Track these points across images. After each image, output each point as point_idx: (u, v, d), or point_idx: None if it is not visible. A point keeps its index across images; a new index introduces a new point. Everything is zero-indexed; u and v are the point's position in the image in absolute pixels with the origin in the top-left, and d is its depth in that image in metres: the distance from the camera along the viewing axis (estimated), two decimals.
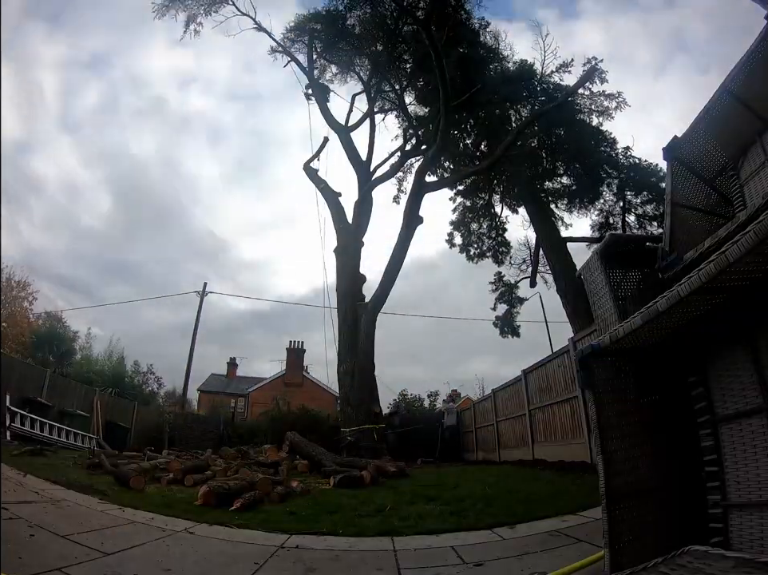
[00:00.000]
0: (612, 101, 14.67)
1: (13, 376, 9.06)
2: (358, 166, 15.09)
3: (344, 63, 16.65)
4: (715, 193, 3.07)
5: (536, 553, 2.78)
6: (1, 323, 16.92)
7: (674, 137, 3.02)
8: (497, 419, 11.90)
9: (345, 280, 13.17)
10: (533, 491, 5.00)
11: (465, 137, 17.59)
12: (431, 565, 2.70)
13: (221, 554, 2.79)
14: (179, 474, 5.58)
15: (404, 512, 4.15)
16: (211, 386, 28.68)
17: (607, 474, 1.87)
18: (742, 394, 1.87)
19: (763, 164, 2.73)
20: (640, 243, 2.96)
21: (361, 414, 11.19)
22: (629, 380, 2.07)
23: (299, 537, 3.29)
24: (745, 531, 1.78)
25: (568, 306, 13.59)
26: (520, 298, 18.13)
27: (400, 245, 12.97)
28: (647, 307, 1.63)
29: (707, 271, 1.39)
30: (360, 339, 12.02)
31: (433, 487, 5.83)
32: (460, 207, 18.29)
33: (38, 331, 18.59)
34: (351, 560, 2.81)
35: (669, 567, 1.44)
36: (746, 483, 1.81)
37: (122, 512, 3.69)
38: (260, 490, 4.66)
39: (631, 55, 39.33)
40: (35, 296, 20.36)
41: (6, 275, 18.78)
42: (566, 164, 15.97)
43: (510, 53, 16.11)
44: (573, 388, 7.44)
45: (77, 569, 2.23)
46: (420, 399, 20.67)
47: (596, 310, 2.74)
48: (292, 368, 27.19)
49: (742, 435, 1.85)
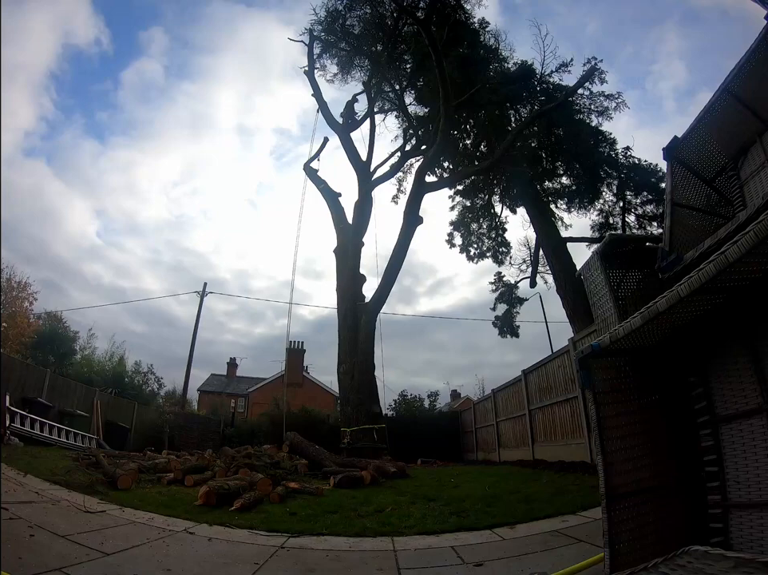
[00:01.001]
0: (612, 101, 14.67)
1: (14, 376, 9.06)
2: (358, 166, 15.10)
3: (344, 63, 16.66)
4: (715, 193, 3.07)
5: (536, 553, 2.78)
6: (2, 323, 16.91)
7: (674, 137, 3.03)
8: (497, 419, 11.90)
9: (345, 280, 13.17)
10: (533, 491, 5.00)
11: (465, 137, 17.59)
12: (431, 565, 2.70)
13: (221, 554, 2.79)
14: (179, 474, 5.58)
15: (404, 512, 4.15)
16: (211, 386, 28.72)
17: (607, 474, 1.86)
18: (742, 394, 1.87)
19: (763, 164, 2.73)
20: (640, 243, 2.96)
21: (361, 414, 11.19)
22: (629, 380, 2.07)
23: (299, 537, 3.29)
24: (745, 531, 1.78)
25: (568, 306, 13.58)
26: (520, 298, 18.14)
27: (400, 245, 12.97)
28: (647, 307, 1.63)
29: (707, 271, 1.39)
30: (360, 340, 12.01)
31: (433, 487, 5.83)
32: (459, 207, 18.31)
33: (38, 331, 18.58)
34: (351, 560, 2.81)
35: (669, 567, 1.44)
36: (746, 483, 1.81)
37: (122, 512, 3.69)
38: (260, 490, 4.66)
39: (632, 55, 39.39)
40: (35, 296, 20.37)
41: (6, 276, 18.79)
42: (566, 164, 15.96)
43: (510, 53, 16.15)
44: (573, 388, 7.45)
45: (77, 568, 2.23)
46: (420, 399, 20.62)
47: (596, 310, 2.74)
48: (292, 368, 27.19)
49: (742, 435, 1.86)
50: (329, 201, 14.73)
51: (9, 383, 8.47)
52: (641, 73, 43.93)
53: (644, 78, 45.10)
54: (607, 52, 47.09)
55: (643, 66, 43.95)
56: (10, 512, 3.00)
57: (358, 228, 13.96)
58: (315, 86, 15.95)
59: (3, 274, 18.01)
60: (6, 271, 18.72)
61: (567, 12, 31.17)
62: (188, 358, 20.11)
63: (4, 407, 7.90)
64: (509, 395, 11.17)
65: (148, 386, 21.03)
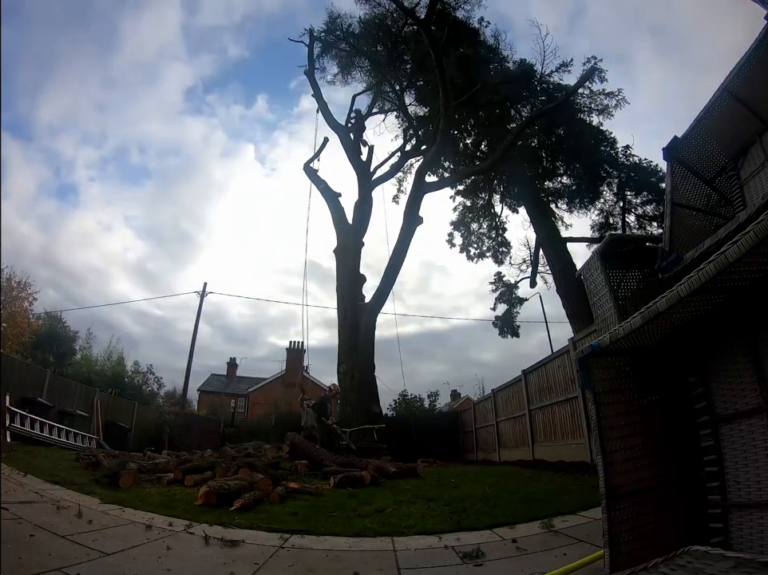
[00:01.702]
0: (612, 98, 14.67)
1: (13, 376, 9.06)
2: (358, 166, 15.10)
3: (344, 64, 16.66)
4: (715, 193, 3.08)
5: (536, 553, 2.78)
6: (2, 323, 16.90)
7: (674, 137, 3.03)
8: (497, 419, 11.90)
9: (345, 281, 13.17)
10: (533, 491, 4.99)
11: (465, 137, 17.60)
12: (431, 565, 2.70)
13: (221, 554, 2.79)
14: (179, 474, 5.57)
15: (404, 512, 4.15)
16: (211, 386, 28.72)
17: (607, 474, 1.87)
18: (742, 394, 1.87)
19: (763, 164, 2.73)
20: (640, 243, 2.96)
21: (361, 414, 11.19)
22: (629, 380, 2.07)
23: (299, 537, 3.29)
24: (745, 531, 1.78)
25: (568, 306, 13.58)
26: (520, 298, 18.14)
27: (400, 245, 12.97)
28: (647, 307, 1.63)
29: (707, 271, 1.39)
30: (360, 340, 12.01)
31: (433, 487, 5.82)
32: (460, 207, 18.32)
33: (38, 331, 18.56)
34: (351, 560, 2.81)
35: (669, 567, 1.44)
36: (746, 483, 1.81)
37: (122, 512, 3.69)
38: (260, 490, 4.65)
39: (632, 55, 39.39)
40: (35, 296, 20.36)
41: (6, 276, 18.77)
42: (566, 164, 15.97)
43: (510, 52, 16.16)
44: (573, 388, 7.44)
45: (77, 568, 2.23)
46: (420, 399, 20.57)
47: (596, 310, 2.74)
48: (292, 368, 27.19)
49: (742, 435, 1.86)
50: (329, 201, 14.73)
51: (9, 383, 8.46)
52: (641, 73, 43.92)
53: (644, 78, 45.09)
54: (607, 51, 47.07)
55: (643, 66, 43.95)
56: (10, 512, 3.00)
57: (358, 228, 13.97)
58: (315, 87, 15.97)
59: (3, 274, 18.01)
60: (6, 271, 18.72)
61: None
62: (188, 359, 20.13)
63: (4, 407, 7.90)
64: (509, 395, 11.17)
65: (147, 386, 21.01)
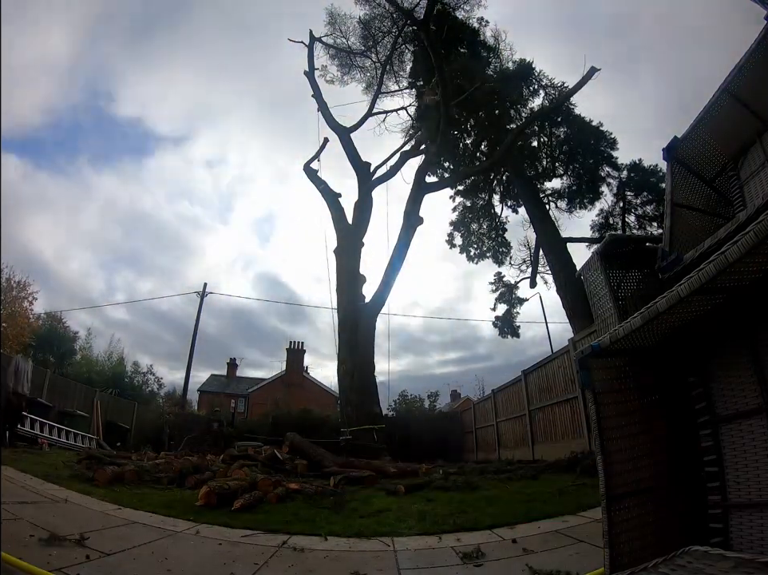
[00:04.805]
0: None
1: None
2: (358, 167, 15.09)
3: (344, 64, 16.68)
4: (715, 193, 3.07)
5: (536, 554, 2.78)
6: (2, 323, 16.91)
7: (674, 137, 3.03)
8: (497, 420, 11.90)
9: (345, 281, 13.16)
10: (533, 491, 4.99)
11: (465, 137, 17.61)
12: (431, 565, 2.70)
13: (221, 554, 2.79)
14: (179, 475, 5.57)
15: (404, 512, 4.15)
16: (211, 386, 28.70)
17: (607, 474, 1.86)
18: (742, 394, 1.87)
19: (763, 164, 2.73)
20: (640, 243, 2.95)
21: (361, 414, 11.19)
22: (629, 380, 2.07)
23: (299, 537, 3.29)
24: (745, 531, 1.78)
25: (568, 306, 13.59)
26: (520, 298, 18.16)
27: (400, 246, 12.97)
28: (647, 307, 1.63)
29: (707, 272, 1.39)
30: (360, 340, 12.01)
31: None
32: (460, 207, 18.32)
33: (38, 331, 18.57)
34: (351, 560, 2.81)
35: (669, 567, 1.43)
36: (746, 483, 1.81)
37: (122, 512, 3.69)
38: (260, 491, 4.65)
39: (632, 55, 39.39)
40: (35, 296, 20.37)
41: (6, 276, 18.78)
42: (566, 164, 15.98)
43: (510, 52, 16.15)
44: (573, 388, 7.45)
45: (77, 568, 2.23)
46: (420, 400, 20.59)
47: (596, 310, 2.74)
48: (292, 368, 27.20)
49: (742, 435, 1.86)
50: (329, 202, 14.72)
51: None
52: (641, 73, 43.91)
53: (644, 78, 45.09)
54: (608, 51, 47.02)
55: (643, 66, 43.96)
56: (10, 512, 3.00)
57: (357, 228, 13.96)
58: (315, 87, 15.96)
59: (3, 274, 18.03)
60: (6, 271, 18.73)
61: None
62: (188, 359, 20.12)
63: (4, 407, 7.90)
64: (509, 395, 11.18)
65: (147, 387, 21.04)
